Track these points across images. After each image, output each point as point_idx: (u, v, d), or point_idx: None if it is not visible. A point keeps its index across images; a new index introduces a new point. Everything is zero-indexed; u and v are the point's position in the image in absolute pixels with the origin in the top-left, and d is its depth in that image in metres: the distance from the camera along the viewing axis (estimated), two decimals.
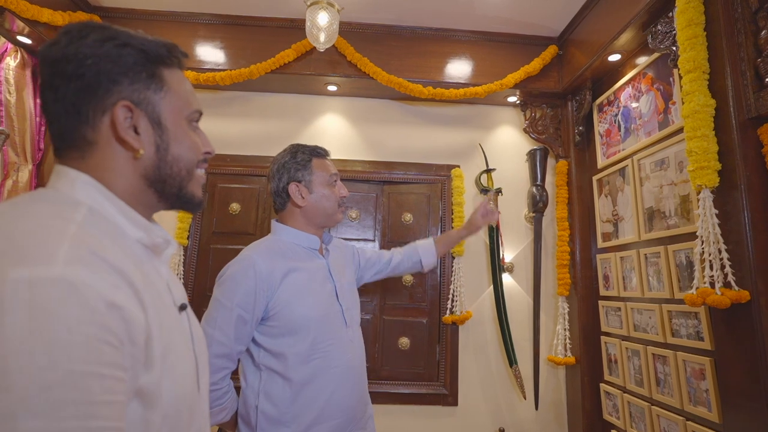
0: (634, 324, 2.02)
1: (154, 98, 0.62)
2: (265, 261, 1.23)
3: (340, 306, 1.32)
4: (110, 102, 0.59)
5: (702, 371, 1.63)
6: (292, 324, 1.21)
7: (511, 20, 2.47)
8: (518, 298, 2.54)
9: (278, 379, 1.21)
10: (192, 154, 0.67)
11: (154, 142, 0.62)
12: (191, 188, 0.68)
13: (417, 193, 2.66)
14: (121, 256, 0.53)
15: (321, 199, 1.34)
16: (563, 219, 2.50)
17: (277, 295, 1.21)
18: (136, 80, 0.61)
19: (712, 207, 1.48)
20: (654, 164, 1.94)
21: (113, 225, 0.58)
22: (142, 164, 0.62)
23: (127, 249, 0.57)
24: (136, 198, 0.63)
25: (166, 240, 0.65)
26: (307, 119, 2.67)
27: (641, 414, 1.96)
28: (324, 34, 2.06)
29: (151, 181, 0.63)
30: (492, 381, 2.46)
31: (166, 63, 0.65)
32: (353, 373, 1.28)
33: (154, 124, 0.62)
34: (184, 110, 0.67)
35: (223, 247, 2.49)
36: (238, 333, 1.19)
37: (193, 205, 0.69)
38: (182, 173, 0.66)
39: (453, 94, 2.46)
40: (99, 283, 0.47)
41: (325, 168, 1.37)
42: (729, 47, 1.51)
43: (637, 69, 2.08)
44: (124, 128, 0.59)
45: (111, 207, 0.58)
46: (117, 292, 0.48)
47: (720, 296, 1.39)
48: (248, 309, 1.18)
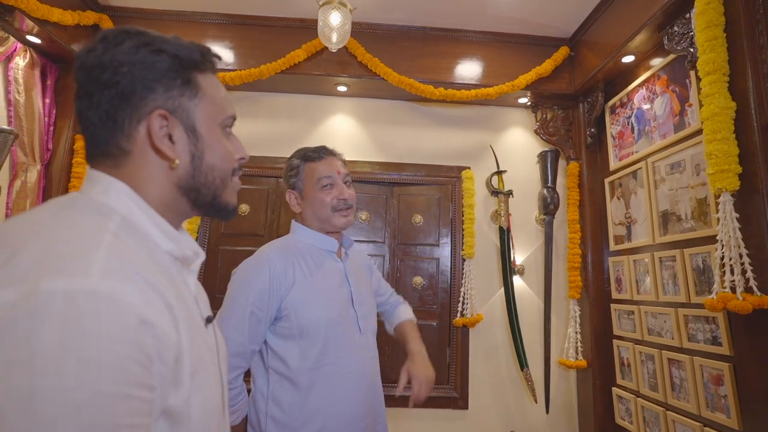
0: (648, 328, 2.01)
1: (189, 105, 0.60)
2: (280, 259, 1.21)
3: (354, 312, 1.28)
4: (146, 111, 0.57)
5: (720, 377, 1.61)
6: (303, 326, 1.19)
7: (522, 21, 2.46)
8: (529, 301, 2.53)
9: (286, 383, 1.18)
10: (226, 162, 0.65)
11: (189, 150, 0.61)
12: (225, 197, 0.66)
13: (427, 195, 2.65)
14: (153, 268, 0.52)
15: (313, 204, 1.30)
16: (574, 221, 2.49)
17: (290, 295, 1.19)
18: (171, 87, 0.59)
19: (732, 211, 1.46)
20: (669, 167, 1.92)
21: (145, 235, 0.56)
22: (176, 174, 0.60)
23: (159, 261, 0.55)
24: (169, 206, 0.61)
25: (195, 252, 0.64)
26: (316, 120, 2.66)
27: (656, 419, 1.94)
28: (336, 35, 2.05)
29: (184, 189, 0.61)
30: (502, 384, 2.44)
31: (200, 68, 0.63)
32: (364, 382, 1.25)
33: (188, 132, 0.61)
34: (218, 116, 0.65)
35: (232, 249, 2.48)
36: (252, 331, 1.16)
37: (227, 212, 0.68)
38: (216, 182, 0.64)
39: (464, 95, 2.44)
40: (133, 297, 0.45)
41: (316, 172, 1.31)
42: (750, 49, 1.50)
43: (651, 71, 2.06)
44: (160, 137, 0.58)
45: (144, 216, 0.57)
46: (150, 308, 0.47)
47: (742, 301, 1.38)
48: (262, 307, 1.17)
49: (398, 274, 2.55)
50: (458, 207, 2.60)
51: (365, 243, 2.55)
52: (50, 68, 2.32)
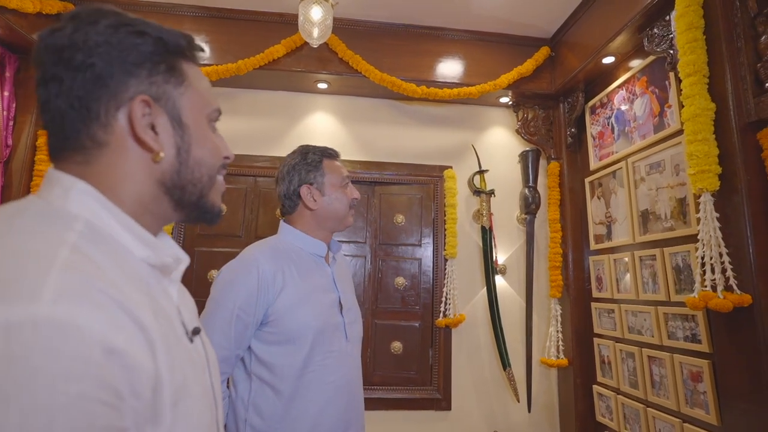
0: (628, 326, 2.03)
1: (174, 94, 0.55)
2: (268, 262, 1.16)
3: (342, 318, 1.25)
4: (126, 96, 0.51)
5: (699, 374, 1.64)
6: (289, 332, 1.15)
7: (504, 20, 2.45)
8: (511, 301, 2.53)
9: (268, 390, 1.14)
10: (214, 158, 0.60)
11: (175, 143, 0.55)
12: (212, 197, 0.61)
13: (409, 195, 2.62)
14: (124, 283, 0.45)
15: (333, 201, 1.28)
16: (555, 221, 2.50)
17: (278, 301, 1.15)
18: (155, 72, 0.53)
19: (713, 210, 1.49)
20: (649, 167, 1.95)
21: (115, 243, 0.49)
22: (159, 168, 0.54)
23: (132, 273, 0.49)
24: (148, 208, 0.55)
25: (176, 258, 0.57)
26: (296, 117, 2.59)
27: (636, 416, 1.97)
28: (317, 30, 1.99)
29: (168, 187, 0.55)
30: (485, 384, 2.44)
31: (185, 56, 0.58)
32: (348, 390, 1.22)
33: (174, 122, 0.55)
34: (205, 108, 0.60)
35: (209, 250, 2.39)
36: (238, 336, 1.12)
37: (213, 215, 0.62)
38: (204, 179, 0.58)
39: (446, 93, 2.42)
40: (96, 324, 0.38)
41: (337, 170, 1.31)
42: (729, 51, 1.52)
43: (631, 72, 2.09)
44: (143, 126, 0.52)
45: (112, 221, 0.50)
46: (118, 333, 0.40)
47: (722, 300, 1.40)
48: (249, 311, 1.12)
49: (380, 274, 2.52)
50: (440, 206, 2.58)
51: (346, 243, 2.51)
52: (9, 59, 2.18)
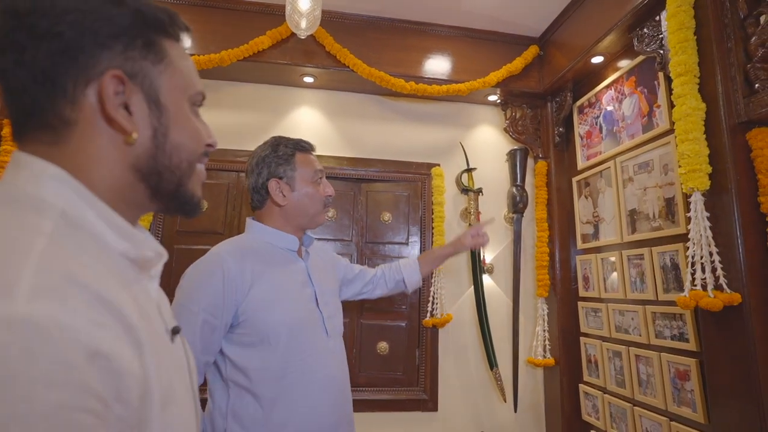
0: (615, 325, 2.04)
1: (152, 71, 0.50)
2: (235, 260, 1.10)
3: (320, 313, 1.19)
4: (97, 71, 0.46)
5: (687, 372, 1.65)
6: (264, 332, 1.08)
7: (493, 17, 2.44)
8: (497, 300, 2.52)
9: (247, 397, 1.07)
10: (195, 143, 0.55)
11: (151, 124, 0.50)
12: (191, 185, 0.56)
13: (396, 192, 2.58)
14: (106, 278, 0.41)
15: (304, 197, 1.22)
16: (542, 220, 2.50)
17: (248, 299, 1.08)
18: (131, 47, 0.48)
19: (703, 210, 1.49)
20: (637, 167, 1.95)
21: (92, 235, 0.44)
22: (133, 152, 0.49)
23: (112, 267, 0.44)
24: (122, 196, 0.49)
25: (157, 252, 0.52)
26: (280, 111, 2.52)
27: (623, 414, 1.97)
28: (305, 20, 1.93)
29: (143, 173, 0.50)
30: (472, 384, 2.42)
31: (167, 32, 0.53)
32: (334, 388, 1.16)
33: (151, 102, 0.50)
34: (187, 90, 0.55)
35: (188, 248, 2.30)
36: (205, 342, 1.05)
37: (192, 206, 0.57)
38: (183, 166, 0.53)
39: (436, 90, 2.39)
40: (79, 323, 0.34)
41: (310, 164, 1.25)
42: (719, 52, 1.53)
43: (620, 72, 2.10)
44: (114, 105, 0.47)
45: (88, 210, 0.45)
46: (104, 334, 0.36)
47: (713, 299, 1.40)
48: (216, 314, 1.05)
49: None
50: (428, 205, 2.54)
51: (332, 241, 2.45)
52: None
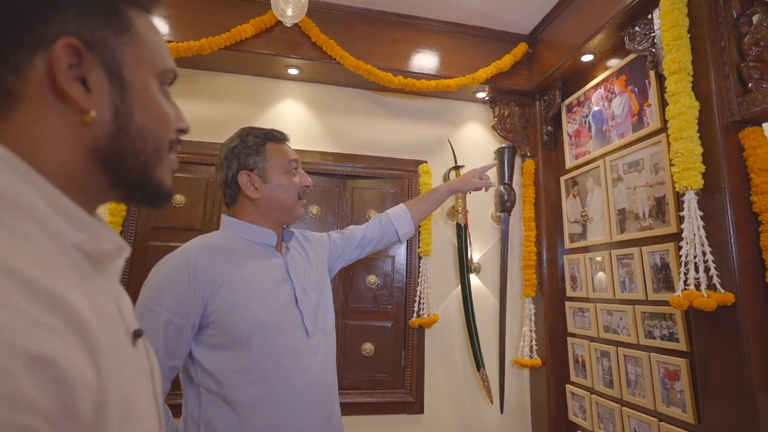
0: (603, 325, 2.02)
1: (115, 43, 0.43)
2: (202, 256, 1.02)
3: (299, 312, 1.11)
4: (47, 36, 0.39)
5: (677, 372, 1.64)
6: (236, 333, 1.00)
7: (482, 13, 2.40)
8: (484, 300, 2.48)
9: (220, 403, 0.99)
10: (163, 127, 0.48)
11: (112, 103, 0.43)
12: (158, 174, 0.48)
13: (382, 189, 2.51)
14: (55, 271, 0.34)
15: (277, 189, 1.13)
16: (530, 219, 2.48)
17: (217, 297, 1.00)
18: (89, 12, 0.41)
19: (697, 209, 1.48)
20: (627, 166, 1.94)
21: (39, 222, 0.37)
22: (91, 133, 0.42)
23: (60, 260, 0.37)
24: (76, 180, 0.42)
25: (118, 246, 0.45)
26: (263, 104, 2.42)
27: (610, 415, 1.96)
28: (292, 8, 1.85)
29: (102, 158, 0.43)
30: (458, 386, 2.37)
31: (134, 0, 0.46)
32: (317, 391, 1.08)
33: (112, 77, 0.43)
34: (156, 66, 0.48)
35: (165, 245, 2.18)
36: (169, 344, 0.96)
37: (160, 196, 0.49)
38: (148, 151, 0.46)
39: (424, 85, 2.34)
40: (16, 324, 0.29)
41: (283, 153, 1.16)
42: (712, 51, 1.52)
43: (610, 71, 2.09)
44: (68, 78, 0.40)
45: (35, 195, 0.38)
46: (48, 337, 0.30)
47: (706, 299, 1.39)
48: (181, 314, 0.97)
49: (351, 272, 2.40)
50: None
51: None
52: None
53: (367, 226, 1.46)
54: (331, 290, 1.29)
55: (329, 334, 1.19)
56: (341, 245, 1.40)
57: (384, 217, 1.49)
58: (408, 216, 1.51)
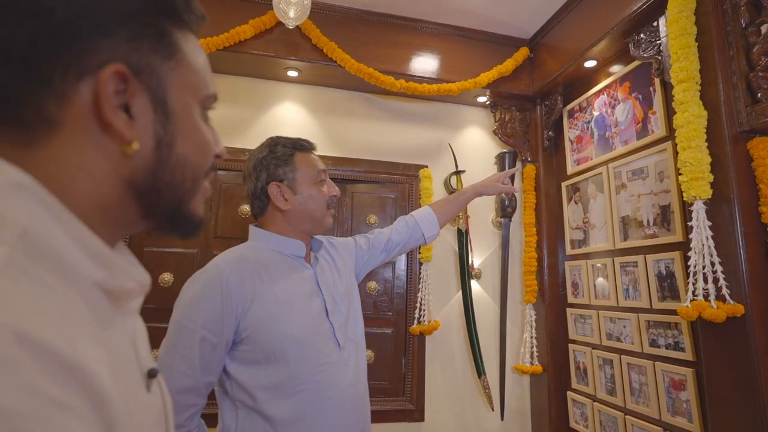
0: (606, 332, 2.02)
1: (162, 68, 0.41)
2: (234, 272, 1.01)
3: (330, 324, 1.10)
4: (94, 62, 0.36)
5: (682, 382, 1.63)
6: (269, 348, 1.00)
7: (483, 17, 2.38)
8: (485, 306, 2.46)
9: (257, 418, 0.99)
10: (203, 156, 0.46)
11: (155, 133, 0.40)
12: (194, 204, 0.46)
13: (382, 194, 2.48)
14: (73, 326, 0.31)
15: (307, 200, 1.13)
16: (531, 225, 2.47)
17: (250, 314, 1.00)
18: (139, 36, 0.39)
19: (705, 219, 1.47)
20: (631, 173, 1.93)
21: (59, 261, 0.34)
22: (130, 165, 0.39)
23: (80, 306, 0.34)
24: (108, 214, 0.39)
25: (141, 284, 0.42)
26: (262, 106, 2.37)
27: (613, 423, 1.95)
28: (294, 10, 1.81)
29: (139, 190, 0.40)
30: (459, 393, 2.35)
31: (182, 20, 0.43)
32: (351, 404, 1.08)
33: (157, 106, 0.40)
34: (200, 91, 0.45)
35: (160, 251, 2.12)
36: (204, 361, 0.96)
37: (192, 227, 0.47)
38: (187, 183, 0.44)
39: (426, 89, 2.31)
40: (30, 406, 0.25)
41: (312, 164, 1.16)
42: (721, 60, 1.52)
43: (613, 77, 2.08)
44: (113, 106, 0.37)
45: (59, 230, 0.34)
46: (63, 419, 0.27)
47: (716, 310, 1.38)
48: (216, 331, 0.97)
49: None
50: (415, 207, 2.45)
51: None
52: None
53: (392, 230, 1.44)
54: (359, 297, 1.28)
55: (360, 343, 1.18)
56: (367, 251, 1.38)
57: (410, 220, 1.47)
58: (434, 218, 1.48)
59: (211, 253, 2.18)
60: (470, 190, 1.56)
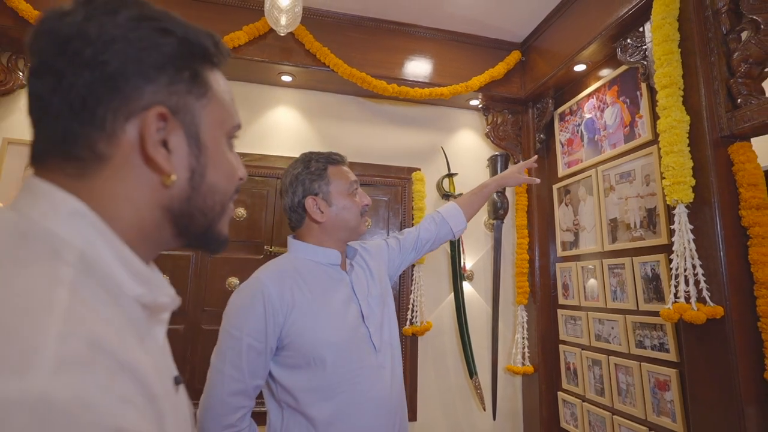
0: (595, 334, 2.04)
1: (196, 106, 0.46)
2: (274, 283, 1.09)
3: (366, 329, 1.16)
4: (140, 105, 0.42)
5: (667, 382, 1.66)
6: (307, 353, 1.07)
7: (475, 21, 2.41)
8: (477, 307, 2.49)
9: (300, 418, 1.06)
10: (230, 182, 0.51)
11: (189, 165, 0.46)
12: (221, 226, 0.52)
13: (375, 197, 2.51)
14: (126, 336, 0.36)
15: (342, 211, 1.18)
16: (523, 227, 2.49)
17: (290, 322, 1.07)
18: (177, 80, 0.44)
19: (687, 222, 1.50)
20: (619, 176, 1.96)
21: (108, 279, 0.39)
22: (168, 193, 0.45)
23: (125, 319, 0.39)
24: (147, 236, 0.45)
25: (173, 299, 0.47)
26: (256, 110, 2.41)
27: (602, 423, 1.98)
28: (285, 17, 1.84)
29: (174, 215, 0.46)
30: (451, 393, 2.38)
31: (211, 60, 0.48)
32: (387, 405, 1.13)
33: (191, 140, 0.46)
34: (226, 123, 0.51)
35: (169, 254, 2.16)
36: (251, 366, 1.04)
37: (219, 245, 0.53)
38: (216, 208, 0.50)
39: (418, 93, 2.34)
40: (103, 401, 0.30)
41: (344, 176, 1.21)
42: (703, 66, 1.54)
43: (602, 81, 2.10)
44: (155, 143, 0.43)
45: (107, 251, 0.40)
46: (127, 411, 0.31)
47: (696, 312, 1.41)
48: (260, 338, 1.05)
49: None
50: (408, 210, 2.49)
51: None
52: None
53: (420, 228, 1.48)
54: (393, 300, 1.32)
55: (395, 345, 1.23)
56: (399, 251, 1.43)
57: (437, 217, 1.50)
58: (461, 213, 1.51)
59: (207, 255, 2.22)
60: (492, 182, 1.57)
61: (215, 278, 2.23)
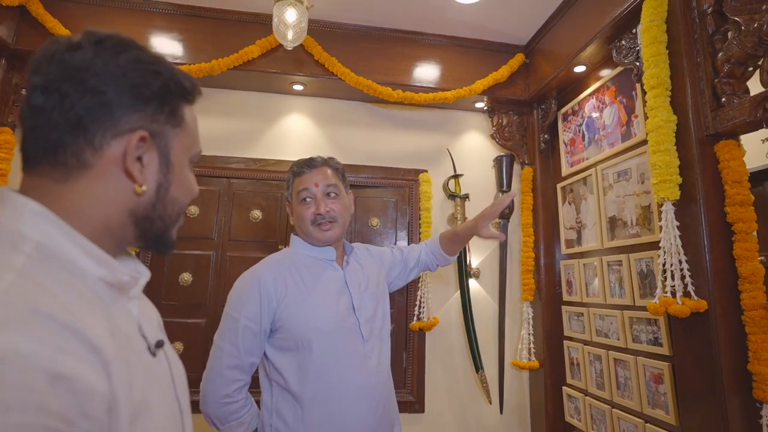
0: (596, 329, 2.09)
1: (170, 134, 0.58)
2: (270, 272, 1.25)
3: (356, 319, 1.28)
4: (126, 128, 0.53)
5: (660, 375, 1.70)
6: (296, 337, 1.21)
7: (479, 26, 2.48)
8: (484, 304, 2.56)
9: (288, 396, 1.20)
10: (187, 197, 0.63)
11: (157, 179, 0.57)
12: (173, 232, 0.64)
13: (384, 198, 2.63)
14: (77, 304, 0.46)
15: (297, 219, 1.35)
16: (528, 225, 2.55)
17: (282, 307, 1.21)
18: (159, 112, 0.56)
19: (674, 219, 1.54)
20: (617, 175, 2.00)
21: (69, 263, 0.49)
22: (136, 200, 0.56)
23: (86, 293, 0.49)
24: (112, 232, 0.55)
25: (133, 277, 0.58)
26: (271, 119, 2.57)
27: (602, 416, 2.02)
28: (292, 32, 1.98)
29: (138, 219, 0.57)
30: (458, 387, 2.47)
31: (187, 99, 0.61)
32: (370, 392, 1.25)
33: (162, 159, 0.57)
34: (191, 150, 0.63)
35: (180, 253, 2.35)
36: (247, 344, 1.18)
37: (168, 247, 0.64)
38: (173, 216, 0.61)
39: (422, 98, 2.44)
40: (40, 350, 0.38)
41: (299, 185, 1.34)
42: (689, 66, 1.58)
43: (601, 81, 2.14)
44: (133, 158, 0.54)
45: (65, 241, 0.50)
46: (66, 359, 0.40)
47: (681, 306, 1.45)
48: (255, 320, 1.20)
49: None
50: (415, 210, 2.59)
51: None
52: None
53: (421, 250, 1.64)
54: (389, 303, 1.46)
55: (384, 340, 1.36)
56: (401, 261, 1.58)
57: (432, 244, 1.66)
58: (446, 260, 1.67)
59: (226, 254, 2.39)
60: (466, 230, 1.56)
61: (234, 276, 2.38)
